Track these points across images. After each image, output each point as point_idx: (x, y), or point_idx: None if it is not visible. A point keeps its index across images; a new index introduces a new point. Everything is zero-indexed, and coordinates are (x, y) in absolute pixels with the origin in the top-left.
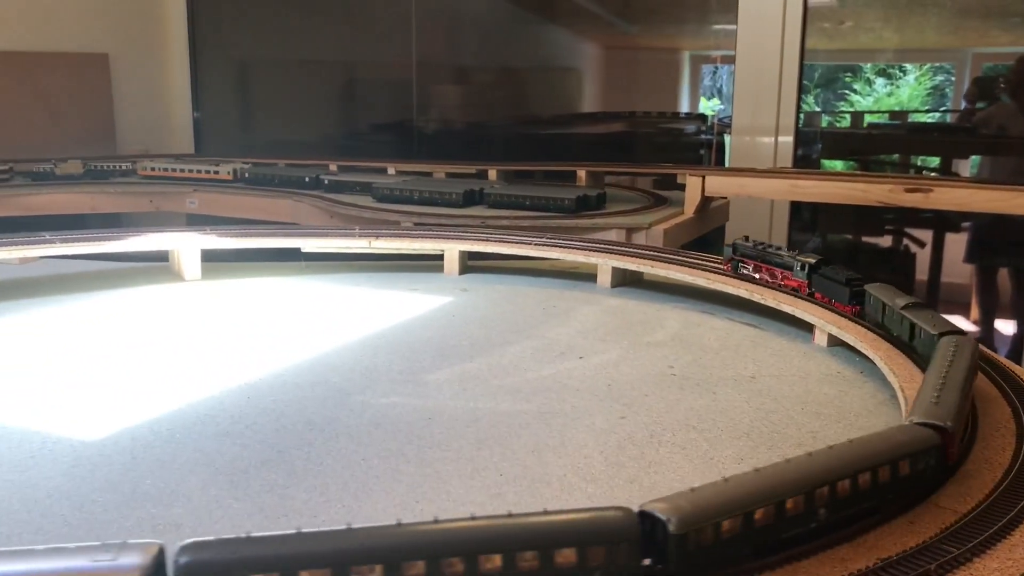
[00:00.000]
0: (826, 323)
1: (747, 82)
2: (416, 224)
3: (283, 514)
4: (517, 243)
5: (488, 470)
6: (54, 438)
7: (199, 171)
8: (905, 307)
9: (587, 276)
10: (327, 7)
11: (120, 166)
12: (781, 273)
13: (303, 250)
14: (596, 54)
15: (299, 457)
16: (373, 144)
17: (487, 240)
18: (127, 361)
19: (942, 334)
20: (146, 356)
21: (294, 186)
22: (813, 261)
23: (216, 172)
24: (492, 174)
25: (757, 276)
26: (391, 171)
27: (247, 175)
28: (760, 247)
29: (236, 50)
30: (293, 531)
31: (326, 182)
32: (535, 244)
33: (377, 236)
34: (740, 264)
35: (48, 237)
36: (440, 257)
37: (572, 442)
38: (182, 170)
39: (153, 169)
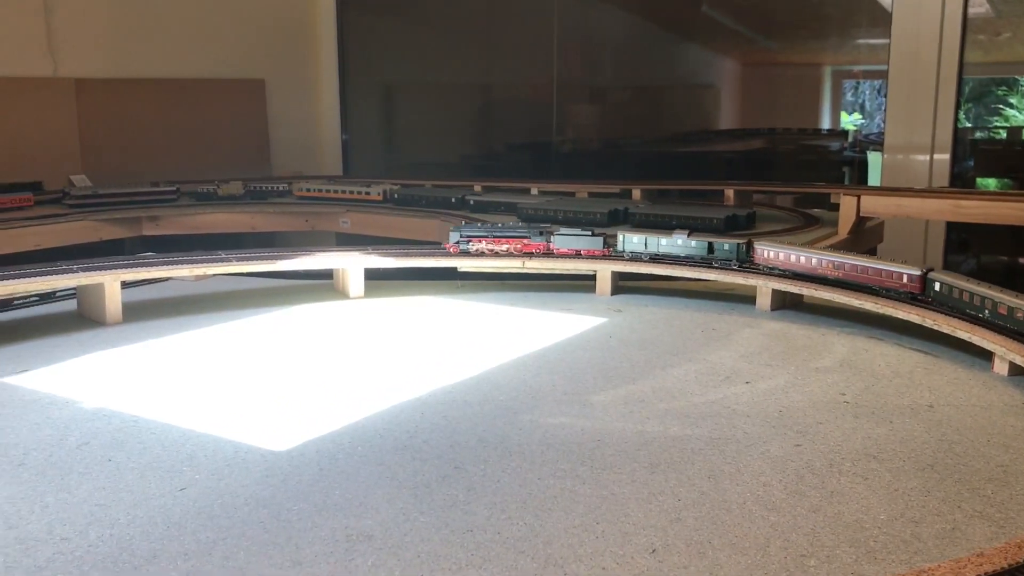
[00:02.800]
0: (1008, 351)
1: (900, 97)
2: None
3: (467, 529)
4: (672, 264)
5: (664, 494)
6: (245, 448)
7: (351, 192)
8: None
9: (744, 298)
10: (468, 30)
11: (277, 187)
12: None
13: (459, 269)
14: (734, 70)
15: (476, 473)
16: (512, 164)
17: (641, 261)
18: (304, 375)
19: None
20: (320, 370)
21: (441, 206)
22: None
23: (367, 193)
24: (636, 193)
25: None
26: (534, 191)
27: (396, 196)
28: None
29: (381, 74)
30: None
31: (472, 202)
32: (690, 265)
33: (530, 257)
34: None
35: (224, 255)
36: (589, 277)
37: (748, 469)
38: (335, 191)
39: (308, 190)
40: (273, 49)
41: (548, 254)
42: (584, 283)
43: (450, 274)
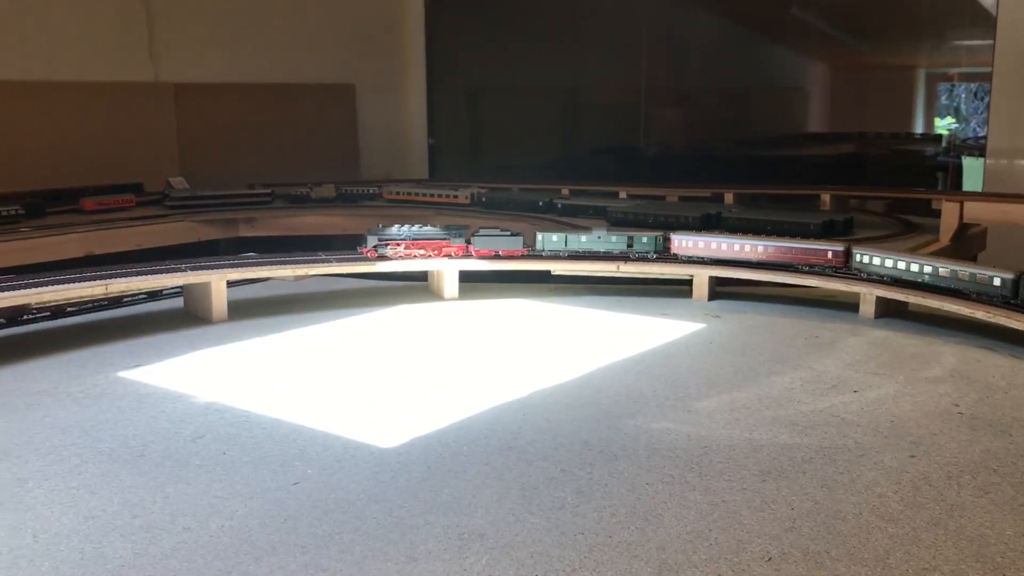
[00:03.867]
0: None
1: (1006, 101)
2: None
3: (579, 532)
4: (771, 270)
5: (777, 503)
6: (353, 444)
7: (439, 195)
8: None
9: (845, 305)
10: (555, 35)
11: (368, 190)
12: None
13: (553, 273)
14: (824, 73)
15: (583, 477)
16: (598, 167)
17: (738, 266)
18: (406, 374)
19: None
20: (421, 370)
21: (528, 210)
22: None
23: (455, 196)
24: (728, 197)
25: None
26: (622, 194)
27: (483, 199)
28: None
29: (467, 78)
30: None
31: (559, 206)
32: (791, 272)
33: (625, 261)
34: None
35: (325, 257)
36: (682, 282)
37: (862, 480)
38: (424, 194)
39: (397, 193)
40: (363, 55)
41: (642, 258)
42: (680, 288)
43: (544, 277)
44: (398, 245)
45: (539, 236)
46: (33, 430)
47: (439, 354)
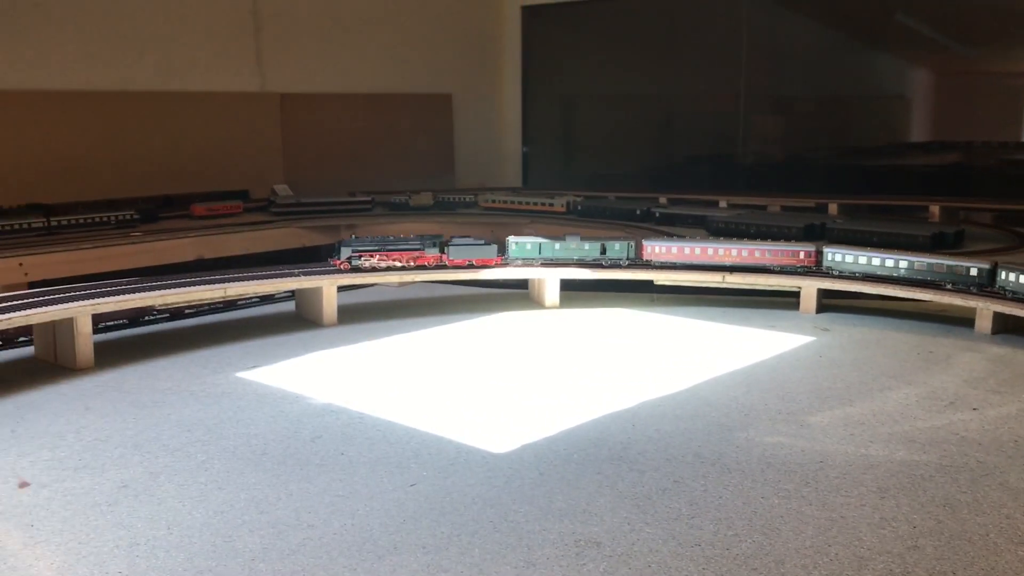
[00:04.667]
0: None
1: None
2: None
3: (695, 544)
4: (882, 283)
5: (898, 520)
6: (466, 448)
7: (535, 203)
8: None
9: (959, 320)
10: (651, 43)
11: (464, 198)
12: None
13: (655, 282)
14: (929, 80)
15: (697, 489)
16: (694, 176)
17: (850, 278)
18: (512, 380)
19: None
20: (527, 376)
21: (625, 218)
22: None
23: (551, 204)
24: (833, 208)
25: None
26: (722, 203)
27: (579, 207)
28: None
29: (562, 86)
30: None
31: (657, 215)
32: (902, 285)
33: (730, 271)
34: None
35: (429, 264)
36: (788, 294)
37: (987, 500)
38: (520, 202)
39: (494, 201)
40: (460, 64)
41: (751, 268)
42: (787, 299)
43: (645, 287)
44: (371, 256)
45: (511, 243)
46: (161, 426)
47: (544, 362)
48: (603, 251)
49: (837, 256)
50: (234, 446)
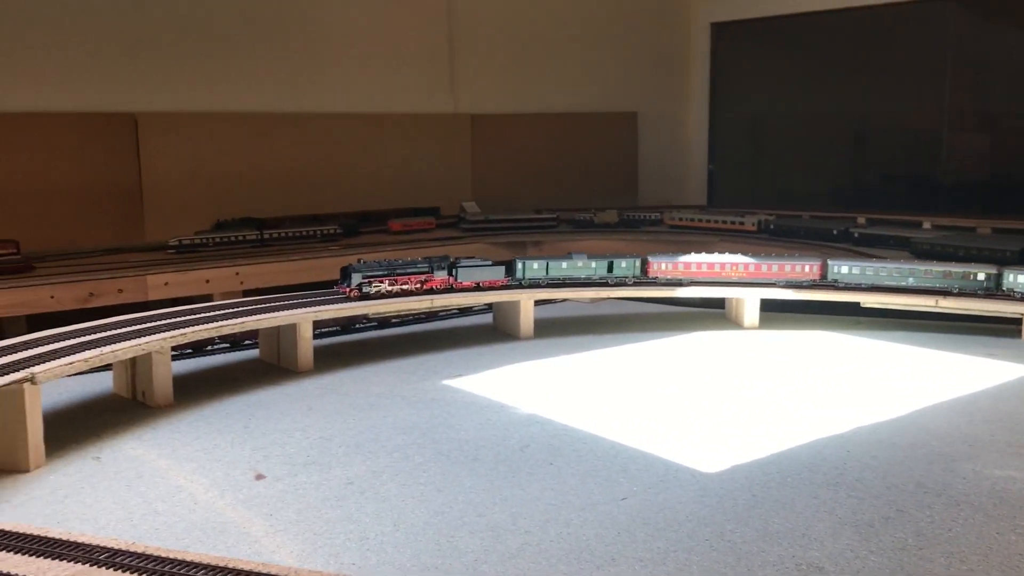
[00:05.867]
0: None
1: None
2: None
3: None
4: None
5: None
6: (675, 466)
7: (724, 222)
8: None
9: None
10: (846, 58)
11: (649, 216)
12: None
13: (862, 305)
14: None
15: (923, 519)
16: (891, 196)
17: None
18: (715, 400)
19: None
20: (731, 397)
21: (820, 238)
22: None
23: (741, 223)
24: None
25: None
26: (926, 224)
27: (771, 226)
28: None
29: (751, 103)
30: None
31: (856, 235)
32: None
33: (944, 295)
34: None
35: (623, 280)
36: (1012, 321)
37: None
38: (708, 220)
39: (680, 219)
40: (647, 83)
41: (967, 293)
42: (1008, 327)
43: (851, 309)
44: (381, 281)
45: (518, 264)
46: (379, 428)
47: (748, 383)
48: (610, 269)
49: None
50: (447, 450)
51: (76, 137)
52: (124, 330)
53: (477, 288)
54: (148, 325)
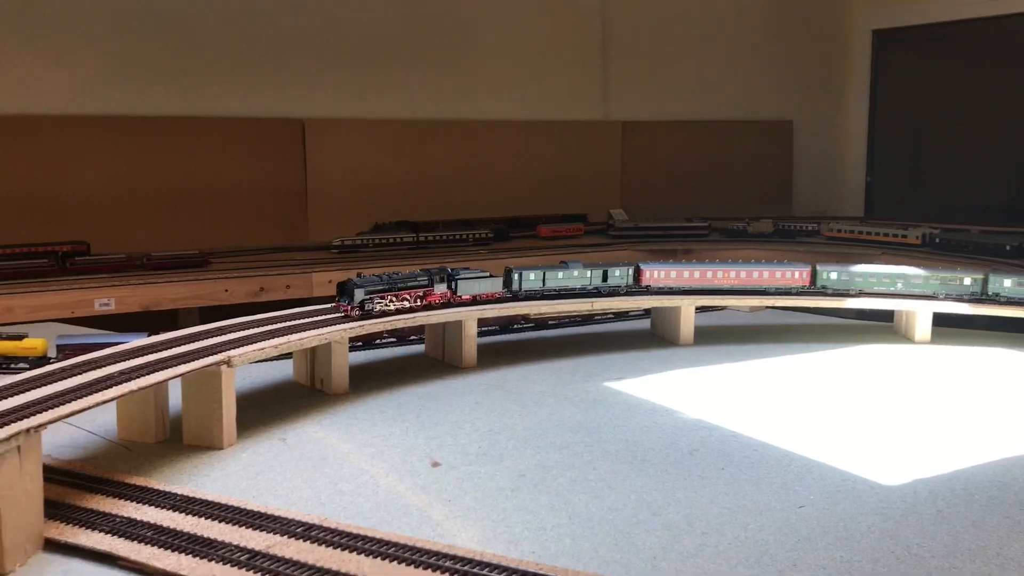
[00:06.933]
0: None
1: None
2: None
3: None
4: None
5: None
6: (851, 477)
7: (885, 234)
8: None
9: None
10: (1016, 68)
11: (806, 226)
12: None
13: None
14: None
15: None
16: None
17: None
18: (890, 414)
19: None
20: (907, 411)
21: (991, 254)
22: None
23: (904, 236)
24: None
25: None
26: None
27: (937, 240)
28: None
29: (913, 113)
30: None
31: None
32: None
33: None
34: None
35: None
36: None
37: None
38: (868, 232)
39: (839, 231)
40: (803, 91)
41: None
42: None
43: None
44: (382, 297)
45: (515, 274)
46: (545, 425)
47: (923, 397)
48: (604, 278)
49: None
50: (615, 450)
51: (250, 141)
52: (304, 320)
53: (475, 301)
54: (325, 317)
